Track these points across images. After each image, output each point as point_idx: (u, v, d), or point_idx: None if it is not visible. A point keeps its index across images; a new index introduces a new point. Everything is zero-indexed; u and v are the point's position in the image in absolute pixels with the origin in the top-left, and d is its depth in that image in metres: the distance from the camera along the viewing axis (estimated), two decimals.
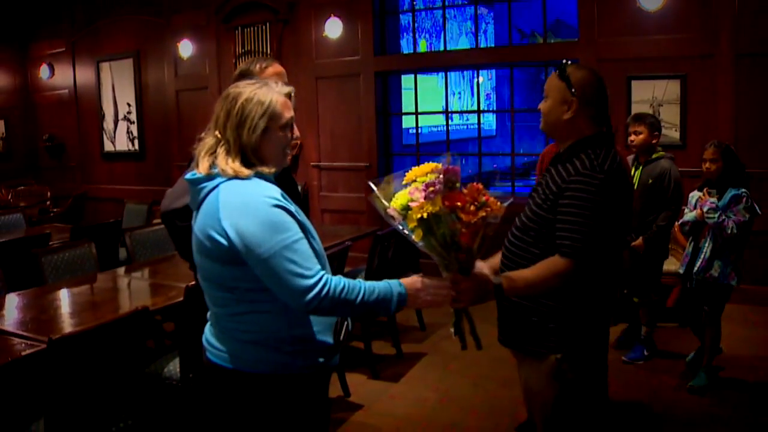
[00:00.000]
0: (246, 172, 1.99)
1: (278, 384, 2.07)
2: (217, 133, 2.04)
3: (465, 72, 13.87)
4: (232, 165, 1.99)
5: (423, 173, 2.06)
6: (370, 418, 4.24)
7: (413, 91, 8.39)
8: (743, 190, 4.21)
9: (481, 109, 12.06)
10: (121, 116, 10.34)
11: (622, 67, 6.53)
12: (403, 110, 8.80)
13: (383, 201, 2.12)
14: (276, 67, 2.88)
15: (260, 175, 2.04)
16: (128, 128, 10.27)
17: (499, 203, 2.07)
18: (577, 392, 2.46)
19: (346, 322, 2.25)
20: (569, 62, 2.48)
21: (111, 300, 4.30)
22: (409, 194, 2.02)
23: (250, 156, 2.03)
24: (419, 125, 8.85)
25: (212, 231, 1.97)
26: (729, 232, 4.15)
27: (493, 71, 15.48)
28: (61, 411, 2.86)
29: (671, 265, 5.73)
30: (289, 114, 2.08)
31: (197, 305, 3.51)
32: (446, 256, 2.08)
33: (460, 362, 4.90)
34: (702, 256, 4.33)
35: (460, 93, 14.25)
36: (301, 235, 1.98)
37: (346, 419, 4.19)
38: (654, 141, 4.77)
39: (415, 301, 2.10)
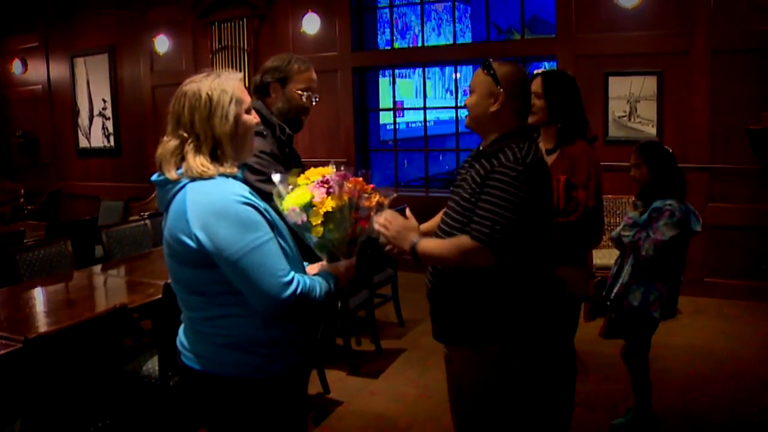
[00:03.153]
0: (212, 170, 1.93)
1: (256, 387, 2.04)
2: (182, 132, 1.96)
3: (443, 68, 13.89)
4: (201, 160, 1.94)
5: (319, 174, 2.14)
6: (349, 414, 4.23)
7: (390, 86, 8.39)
8: (669, 202, 3.47)
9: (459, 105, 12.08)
10: (96, 112, 10.24)
11: (600, 63, 6.58)
12: (381, 106, 8.79)
13: (284, 199, 2.15)
14: (312, 73, 2.90)
15: (224, 176, 1.97)
16: (104, 124, 10.18)
17: (380, 196, 2.26)
18: (516, 383, 2.55)
19: (321, 320, 2.25)
20: (493, 60, 2.55)
21: (87, 298, 4.26)
22: (310, 191, 2.08)
23: (224, 147, 1.98)
24: (397, 121, 8.86)
25: (181, 234, 1.92)
26: (644, 253, 3.46)
27: (470, 68, 15.50)
28: (38, 412, 2.82)
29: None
30: (248, 98, 2.07)
31: (176, 303, 3.50)
32: (338, 248, 2.17)
33: (439, 358, 4.85)
34: (620, 281, 3.62)
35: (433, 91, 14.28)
36: (271, 235, 1.94)
37: (325, 416, 4.18)
38: None
39: (342, 280, 2.16)
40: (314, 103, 2.92)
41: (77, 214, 9.37)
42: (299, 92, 2.85)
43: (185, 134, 1.96)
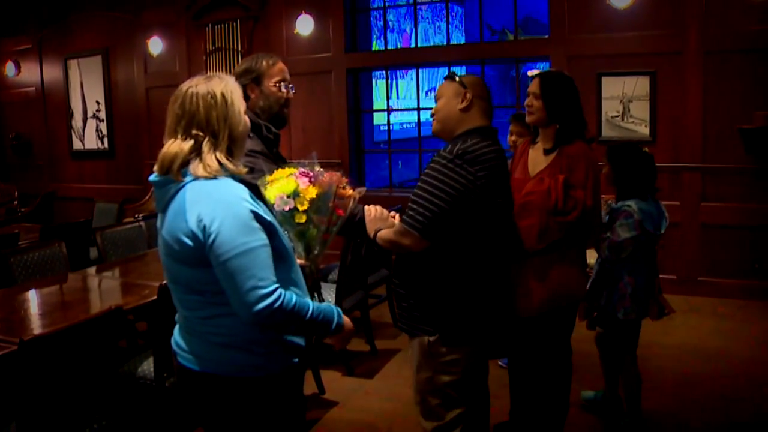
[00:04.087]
0: (221, 171, 1.95)
1: (253, 386, 2.05)
2: (196, 132, 1.96)
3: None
4: (219, 157, 1.96)
5: (286, 175, 2.33)
6: (345, 414, 4.24)
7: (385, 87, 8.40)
8: (628, 203, 3.49)
9: None
10: (90, 114, 10.21)
11: (593, 63, 6.60)
12: (375, 107, 8.80)
13: (267, 189, 2.30)
14: (281, 65, 2.96)
15: (233, 177, 2.00)
16: (97, 126, 10.15)
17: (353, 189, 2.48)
18: (454, 373, 2.67)
19: None
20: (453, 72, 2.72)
21: (83, 300, 4.26)
22: (295, 180, 2.27)
23: (237, 145, 2.03)
24: (390, 122, 8.87)
25: (180, 233, 1.93)
26: (602, 253, 3.53)
27: (464, 68, 15.51)
28: (34, 414, 2.82)
29: None
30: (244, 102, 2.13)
31: (171, 304, 3.50)
32: (315, 236, 2.33)
33: None
34: (591, 279, 3.68)
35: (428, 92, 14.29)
36: (264, 242, 1.94)
37: (321, 416, 4.19)
38: None
39: (343, 334, 2.17)
40: (292, 93, 2.97)
41: (72, 217, 9.33)
42: (275, 86, 2.89)
43: (201, 133, 1.97)
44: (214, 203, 1.91)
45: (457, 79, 2.67)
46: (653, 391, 4.27)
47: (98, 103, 10.06)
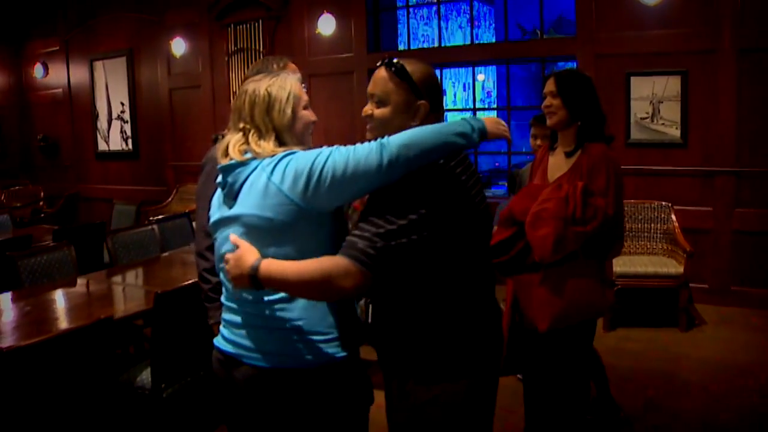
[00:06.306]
0: (280, 150, 2.03)
1: (329, 374, 2.04)
2: (242, 125, 2.09)
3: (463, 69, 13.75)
4: (267, 145, 2.04)
5: None
6: None
7: None
8: None
9: (478, 106, 11.93)
10: (114, 115, 10.25)
11: (621, 62, 6.38)
12: None
13: None
14: (292, 66, 2.94)
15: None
16: (122, 127, 10.18)
17: None
18: (429, 419, 2.11)
19: (369, 306, 2.21)
20: (395, 59, 2.20)
21: (84, 306, 4.17)
22: None
23: (284, 136, 2.09)
24: None
25: (266, 200, 1.97)
26: None
27: (493, 68, 15.36)
28: (20, 426, 2.74)
29: (664, 267, 5.60)
30: (306, 96, 2.18)
31: (168, 312, 3.40)
32: None
33: None
34: None
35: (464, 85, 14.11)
36: None
37: None
38: None
39: (494, 126, 2.10)
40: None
41: (95, 217, 9.37)
42: None
43: (247, 126, 2.08)
44: (289, 159, 1.98)
45: (406, 75, 2.15)
46: (679, 408, 4.08)
47: (122, 104, 10.08)
